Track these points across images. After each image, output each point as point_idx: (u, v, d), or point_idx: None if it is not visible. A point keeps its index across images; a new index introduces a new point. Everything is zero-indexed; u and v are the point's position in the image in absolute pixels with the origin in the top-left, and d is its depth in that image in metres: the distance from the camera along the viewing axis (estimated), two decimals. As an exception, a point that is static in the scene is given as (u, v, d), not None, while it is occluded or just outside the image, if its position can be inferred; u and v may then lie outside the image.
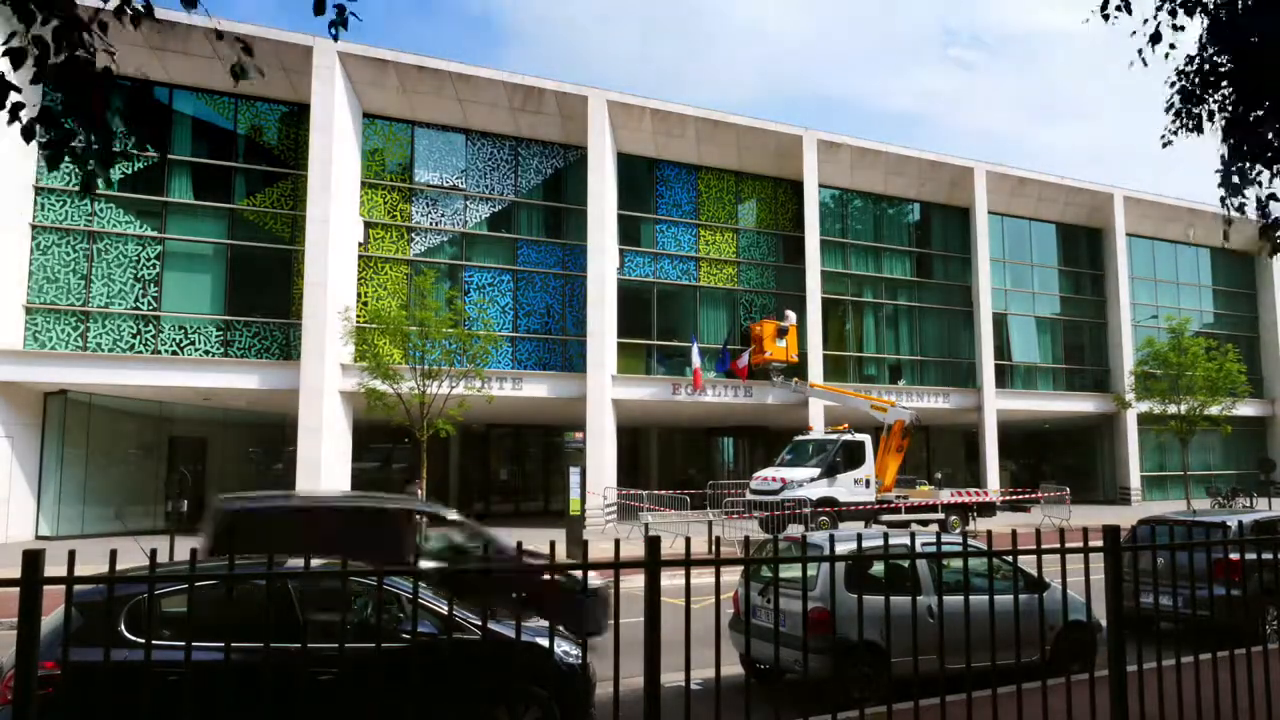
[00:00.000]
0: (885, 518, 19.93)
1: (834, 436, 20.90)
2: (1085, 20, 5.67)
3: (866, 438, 20.69)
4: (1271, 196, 5.51)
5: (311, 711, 5.23)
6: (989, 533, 5.11)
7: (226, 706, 4.89)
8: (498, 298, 23.74)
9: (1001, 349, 30.96)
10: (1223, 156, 5.39)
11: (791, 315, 25.54)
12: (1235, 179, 5.37)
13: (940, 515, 20.70)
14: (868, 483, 20.21)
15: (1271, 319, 36.87)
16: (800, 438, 22.51)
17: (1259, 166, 5.43)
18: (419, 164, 23.65)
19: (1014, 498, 23.73)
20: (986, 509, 21.57)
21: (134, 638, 5.16)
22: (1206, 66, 5.29)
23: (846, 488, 19.70)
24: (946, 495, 21.48)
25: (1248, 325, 37.46)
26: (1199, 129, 5.46)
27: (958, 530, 20.17)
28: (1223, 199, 5.45)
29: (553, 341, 24.50)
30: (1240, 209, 5.46)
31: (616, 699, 3.93)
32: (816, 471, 19.62)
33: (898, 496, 21.06)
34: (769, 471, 20.51)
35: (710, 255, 26.98)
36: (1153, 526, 5.70)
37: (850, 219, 29.80)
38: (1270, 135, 5.26)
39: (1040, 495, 24.93)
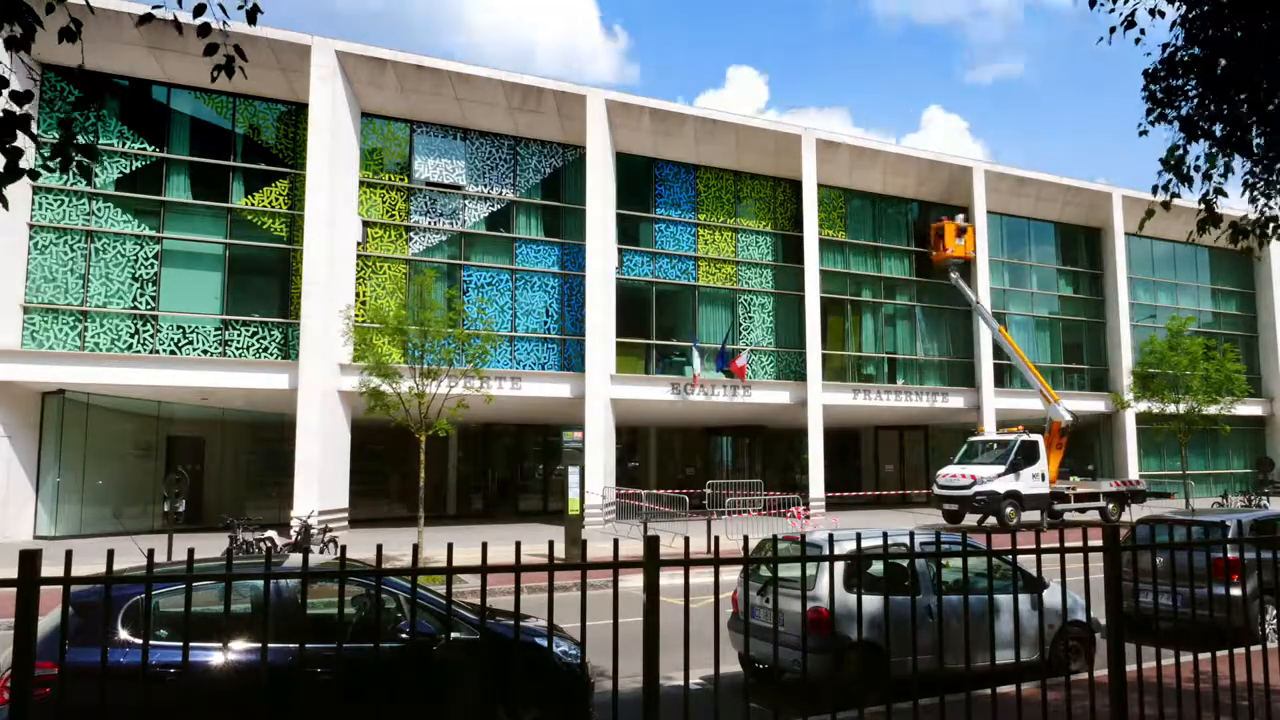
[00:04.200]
0: (1058, 506, 23.05)
1: (1010, 437, 23.40)
2: (1073, 2, 5.70)
3: (1039, 437, 23.28)
4: (1219, 191, 5.51)
5: (312, 711, 5.22)
6: (988, 532, 5.11)
7: (226, 707, 4.88)
8: (496, 297, 23.71)
9: (1000, 348, 30.98)
10: (1176, 144, 5.39)
11: (960, 217, 29.59)
12: (1188, 167, 5.38)
13: (1102, 503, 23.72)
14: (1043, 477, 22.78)
15: (1270, 319, 36.88)
16: (974, 438, 25.19)
17: (1217, 158, 5.44)
18: (417, 163, 23.61)
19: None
20: (1138, 496, 24.43)
21: (131, 638, 5.14)
22: (1178, 56, 5.30)
23: (1026, 482, 22.29)
24: (1107, 485, 24.63)
25: (1246, 325, 37.48)
26: (1165, 118, 5.47)
27: (1115, 513, 23.71)
28: (1156, 187, 5.44)
29: (551, 341, 24.48)
30: (1169, 201, 5.44)
31: (615, 698, 3.92)
32: (1002, 468, 22.16)
33: (1067, 488, 23.67)
34: (955, 469, 23.11)
35: (709, 255, 26.97)
36: (1152, 526, 5.70)
37: (849, 218, 29.79)
38: (1236, 125, 5.28)
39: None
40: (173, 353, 20.46)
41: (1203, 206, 5.49)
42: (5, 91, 3.13)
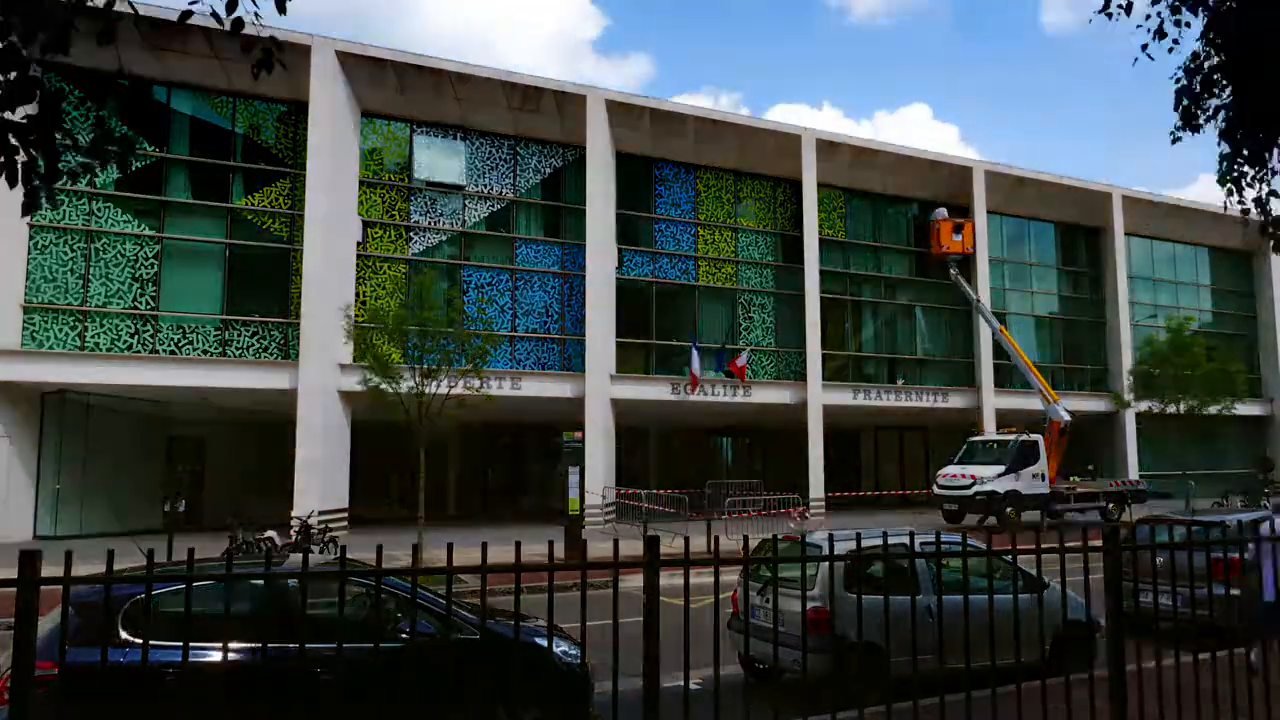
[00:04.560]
0: (1058, 506, 23.04)
1: (1010, 437, 23.47)
2: (1089, 20, 5.68)
3: (1039, 437, 23.31)
4: (1273, 193, 5.50)
5: (312, 712, 5.21)
6: (989, 532, 5.11)
7: (226, 707, 4.87)
8: (496, 297, 23.71)
9: (1000, 348, 30.98)
10: (1222, 155, 5.38)
11: (942, 212, 29.58)
12: (1236, 179, 5.37)
13: (1102, 503, 23.80)
14: (1043, 477, 22.83)
15: (1270, 319, 36.88)
16: (974, 438, 25.13)
17: (1259, 166, 5.42)
18: (417, 163, 23.61)
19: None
20: (1138, 496, 24.58)
21: (131, 638, 5.14)
22: (1206, 65, 5.28)
23: (1026, 482, 22.34)
24: (1107, 485, 24.77)
25: (1246, 325, 37.48)
26: (1197, 128, 5.45)
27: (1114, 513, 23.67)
28: (1225, 203, 5.45)
29: (551, 341, 24.48)
30: (1245, 212, 5.46)
31: (615, 699, 3.92)
32: (1002, 468, 22.17)
33: (1067, 488, 23.74)
34: (955, 469, 23.07)
35: (709, 255, 26.97)
36: (1152, 526, 5.70)
37: (849, 218, 29.79)
38: (1263, 137, 5.26)
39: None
40: (173, 353, 20.46)
41: (1260, 214, 5.54)
42: (38, 93, 3.14)
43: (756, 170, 27.88)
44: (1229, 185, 5.35)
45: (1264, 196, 5.44)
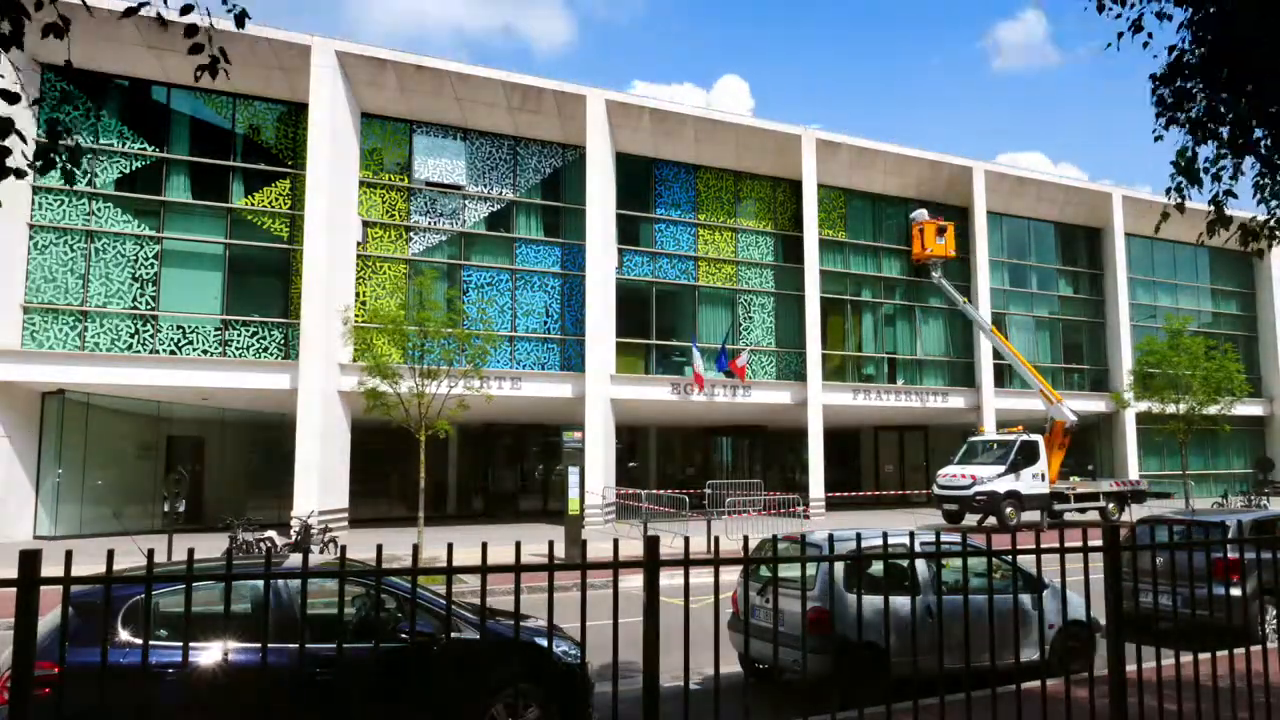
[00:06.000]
0: (1058, 506, 23.05)
1: (1010, 437, 23.40)
2: (1084, 8, 5.71)
3: (1039, 437, 23.24)
4: (1229, 193, 5.52)
5: (312, 711, 5.21)
6: (988, 532, 5.12)
7: (226, 707, 4.89)
8: (496, 297, 23.70)
9: (1000, 348, 31.00)
10: (1186, 146, 5.40)
11: (922, 213, 29.36)
12: (1198, 169, 5.39)
13: (1102, 503, 23.75)
14: (1043, 477, 22.78)
15: (1270, 319, 36.89)
16: (974, 438, 25.09)
17: (1224, 160, 5.44)
18: (417, 163, 23.61)
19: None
20: (1138, 496, 24.53)
21: (131, 638, 5.14)
22: (1185, 59, 5.30)
23: (1026, 482, 22.29)
24: (1107, 485, 24.69)
25: (1246, 325, 37.49)
26: (1176, 121, 5.47)
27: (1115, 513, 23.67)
28: (1169, 189, 5.45)
29: (551, 341, 24.48)
30: (1182, 204, 5.46)
31: (615, 698, 3.93)
32: (1002, 468, 22.14)
33: (1067, 488, 23.69)
34: (955, 469, 23.07)
35: (709, 255, 26.97)
36: (1152, 526, 5.71)
37: (849, 218, 29.79)
38: (1242, 127, 5.28)
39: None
40: (173, 353, 20.46)
41: (1212, 208, 5.50)
42: None
43: (756, 170, 27.88)
44: (1181, 179, 5.35)
45: (1220, 194, 5.44)
